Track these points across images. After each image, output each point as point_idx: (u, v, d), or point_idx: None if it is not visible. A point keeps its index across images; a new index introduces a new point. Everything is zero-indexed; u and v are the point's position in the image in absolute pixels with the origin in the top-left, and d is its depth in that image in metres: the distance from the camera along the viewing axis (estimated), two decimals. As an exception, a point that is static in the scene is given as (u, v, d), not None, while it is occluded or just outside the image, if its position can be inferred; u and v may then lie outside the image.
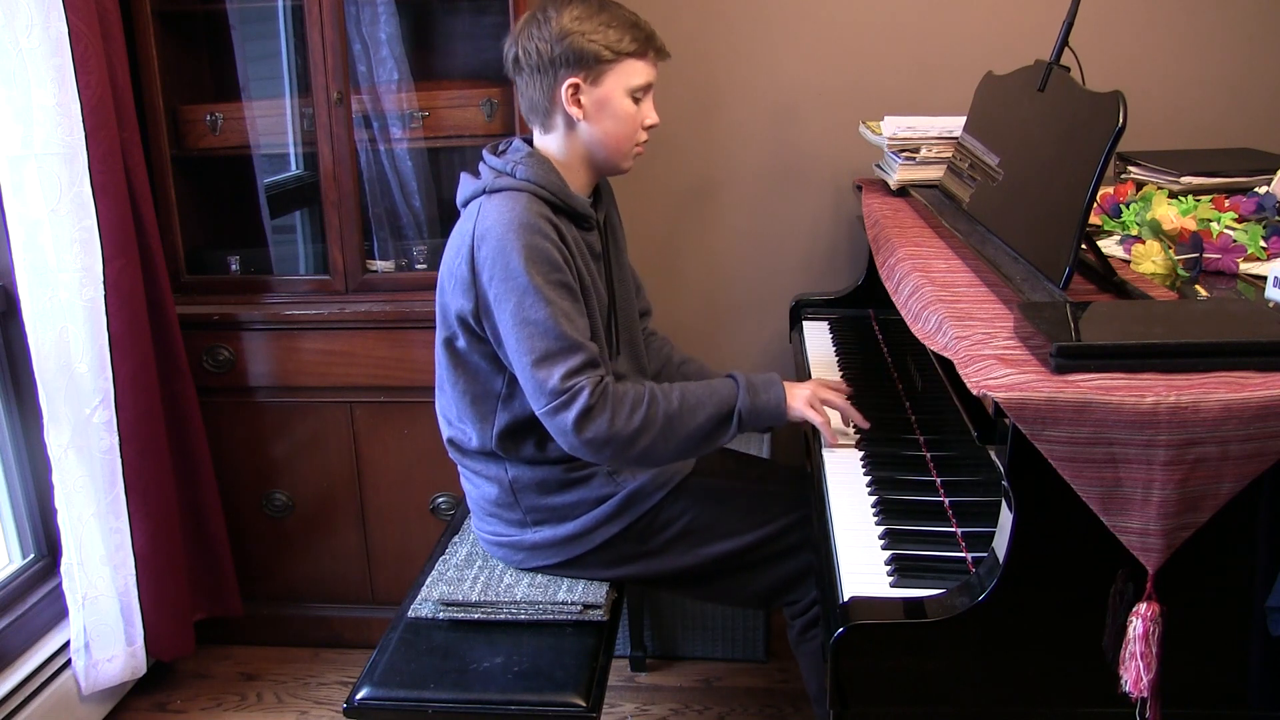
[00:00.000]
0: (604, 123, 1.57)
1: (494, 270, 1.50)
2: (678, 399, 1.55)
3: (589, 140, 1.59)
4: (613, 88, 1.56)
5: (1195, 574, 1.10)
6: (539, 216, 1.51)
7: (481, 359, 1.60)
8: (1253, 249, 1.49)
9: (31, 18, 1.78)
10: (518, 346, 1.50)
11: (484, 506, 1.72)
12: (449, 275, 1.57)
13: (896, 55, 2.37)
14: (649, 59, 1.59)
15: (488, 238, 1.50)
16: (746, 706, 2.21)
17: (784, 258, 2.53)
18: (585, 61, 1.53)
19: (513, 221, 1.49)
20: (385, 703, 1.51)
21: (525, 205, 1.52)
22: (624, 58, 1.55)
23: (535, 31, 1.55)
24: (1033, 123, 1.59)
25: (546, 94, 1.57)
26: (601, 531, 1.65)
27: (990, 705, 1.17)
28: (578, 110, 1.56)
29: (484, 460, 1.69)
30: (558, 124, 1.59)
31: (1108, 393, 1.04)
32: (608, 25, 1.53)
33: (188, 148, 2.27)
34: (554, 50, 1.53)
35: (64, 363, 1.92)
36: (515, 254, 1.48)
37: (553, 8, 1.55)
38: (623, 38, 1.54)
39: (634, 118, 1.59)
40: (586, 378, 1.50)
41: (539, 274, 1.49)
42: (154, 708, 2.27)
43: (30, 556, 2.17)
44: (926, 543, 1.34)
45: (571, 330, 1.50)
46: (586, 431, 1.49)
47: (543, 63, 1.54)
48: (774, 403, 1.59)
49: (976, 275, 1.49)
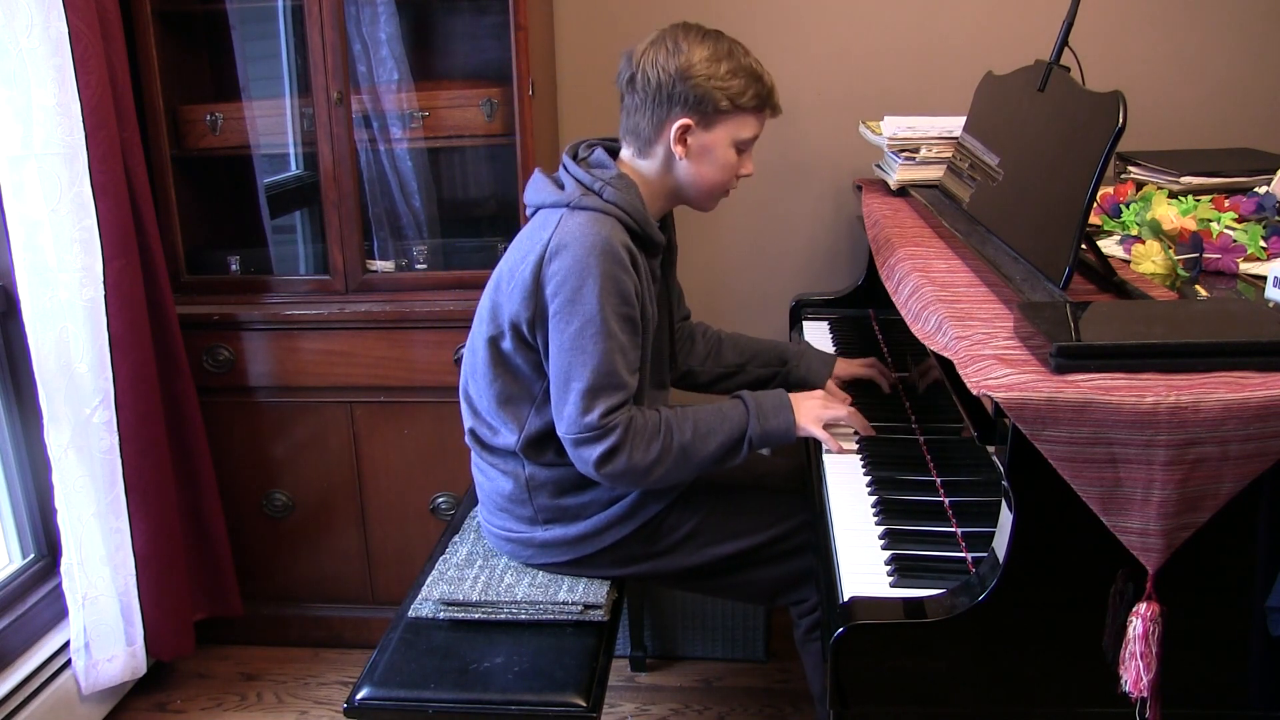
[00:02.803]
0: (703, 167, 1.57)
1: (563, 287, 1.48)
2: (690, 429, 1.56)
3: (683, 179, 1.59)
4: (721, 137, 1.55)
5: (1195, 574, 1.10)
6: (621, 245, 1.49)
7: (525, 363, 1.60)
8: (1253, 249, 1.49)
9: (31, 18, 1.77)
10: (567, 370, 1.50)
11: (495, 500, 1.72)
12: (510, 277, 1.55)
13: (896, 55, 2.37)
14: (764, 115, 1.58)
15: (564, 254, 1.48)
16: (746, 706, 2.21)
17: (784, 258, 2.53)
18: (703, 107, 1.51)
19: (595, 246, 1.47)
20: (385, 703, 1.51)
21: (610, 231, 1.49)
22: (741, 112, 1.54)
23: (660, 59, 1.51)
24: (1033, 123, 1.59)
25: (655, 126, 1.54)
26: (612, 532, 1.65)
27: (990, 705, 1.17)
28: (681, 149, 1.55)
29: (503, 456, 1.68)
30: (656, 155, 1.57)
31: (1108, 393, 1.04)
32: (734, 74, 1.51)
33: (188, 148, 2.27)
34: (675, 86, 1.50)
35: (64, 363, 1.92)
36: (592, 280, 1.46)
37: (684, 40, 1.52)
38: (745, 91, 1.52)
39: (733, 167, 1.59)
40: (621, 415, 1.51)
41: (610, 306, 1.48)
42: (154, 708, 2.27)
43: (30, 556, 2.17)
44: (926, 543, 1.34)
45: (622, 368, 1.50)
46: (607, 466, 1.52)
47: (660, 95, 1.52)
48: (783, 426, 1.60)
49: (976, 275, 1.49)
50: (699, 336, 1.93)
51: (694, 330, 1.93)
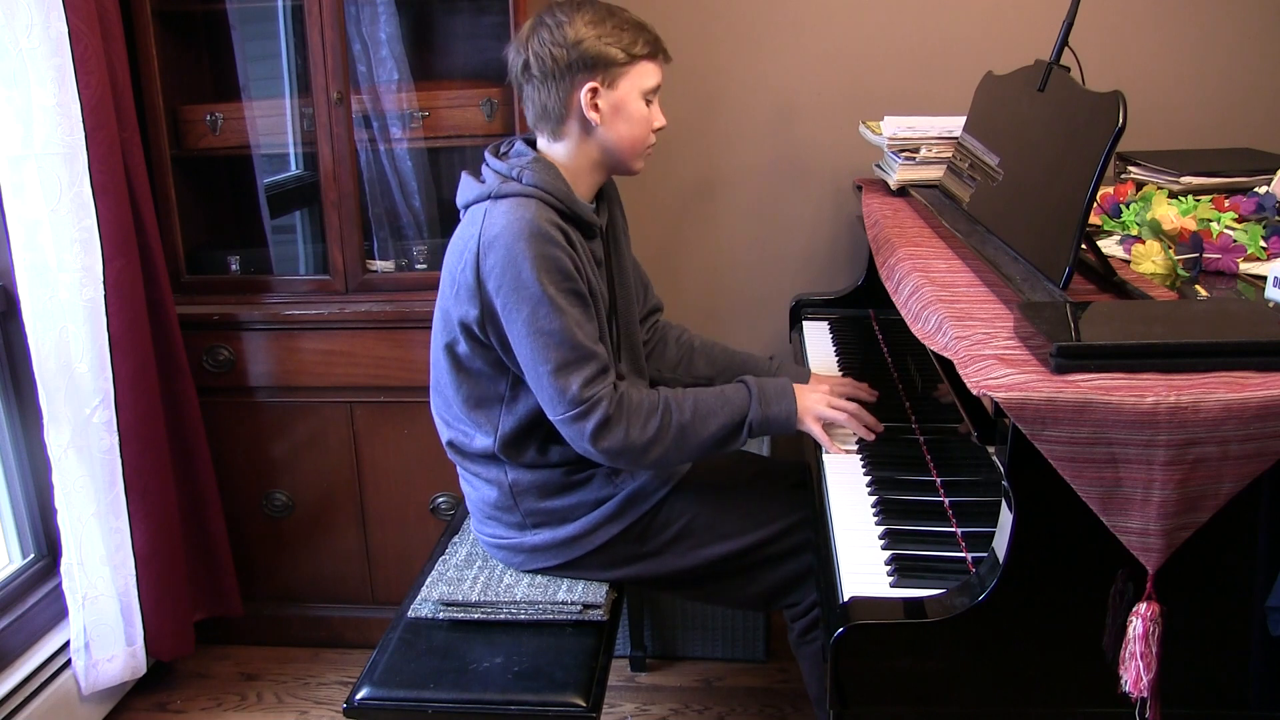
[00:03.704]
0: (619, 126, 1.57)
1: (503, 279, 1.49)
2: (690, 408, 1.56)
3: (604, 144, 1.59)
4: (627, 91, 1.56)
5: (1195, 574, 1.10)
6: (549, 223, 1.50)
7: (484, 364, 1.60)
8: (1253, 249, 1.49)
9: (31, 18, 1.77)
10: (533, 356, 1.50)
11: (483, 509, 1.72)
12: (451, 281, 1.57)
13: (896, 55, 2.37)
14: (659, 61, 1.60)
15: (495, 245, 1.49)
16: (746, 706, 2.21)
17: (784, 258, 2.53)
18: (601, 65, 1.53)
19: (522, 230, 1.48)
20: (385, 703, 1.51)
21: (535, 212, 1.50)
22: (638, 60, 1.56)
23: (547, 37, 1.53)
24: (1033, 123, 1.59)
25: (562, 100, 1.55)
26: (601, 533, 1.65)
27: (990, 705, 1.17)
28: (595, 115, 1.55)
29: (484, 463, 1.68)
30: (571, 130, 1.58)
31: (1108, 393, 1.04)
32: (620, 29, 1.54)
33: (188, 148, 2.27)
34: (569, 55, 1.52)
35: (64, 363, 1.92)
36: (526, 263, 1.47)
37: (561, 13, 1.54)
38: (635, 40, 1.55)
39: (647, 120, 1.60)
40: (603, 386, 1.51)
41: (551, 283, 1.48)
42: (154, 708, 2.27)
43: (30, 556, 2.17)
44: (926, 543, 1.34)
45: (585, 338, 1.51)
46: (603, 441, 1.51)
47: (558, 68, 1.53)
48: (785, 414, 1.60)
49: (976, 275, 1.49)
50: (671, 341, 1.90)
51: (666, 333, 1.90)
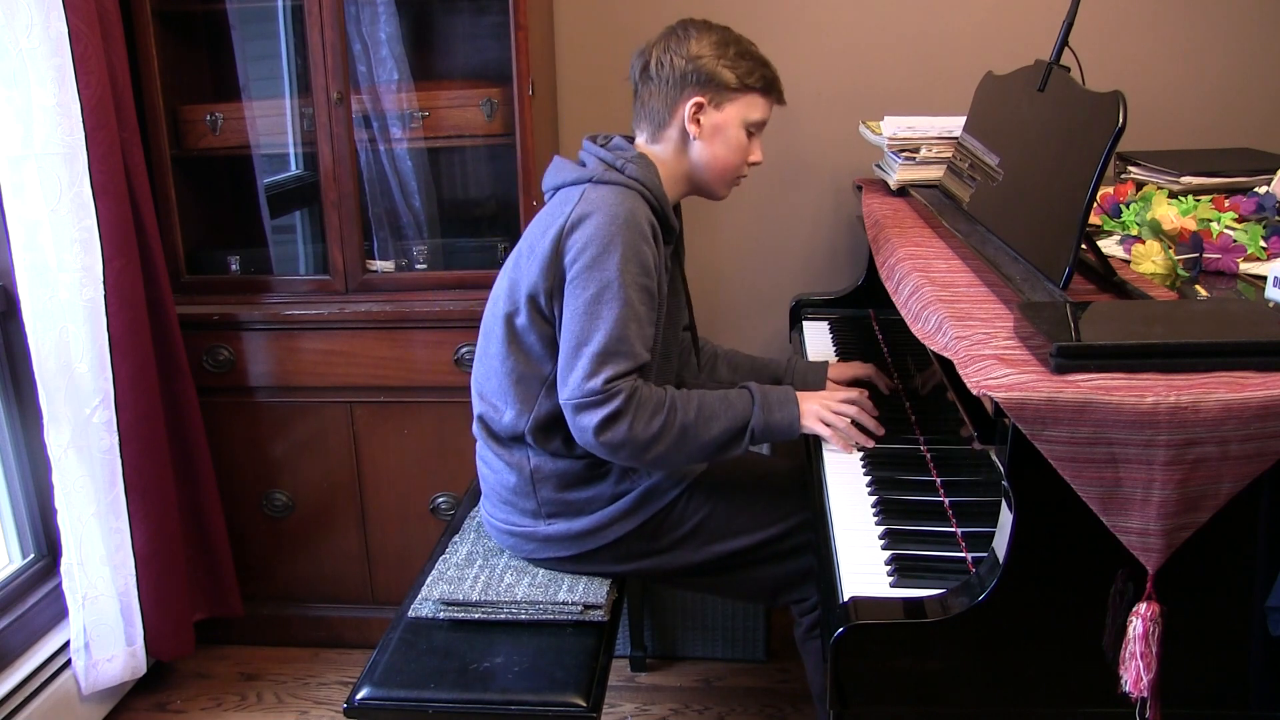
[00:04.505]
0: (716, 147, 1.62)
1: (584, 253, 1.51)
2: (694, 410, 1.56)
3: (696, 160, 1.64)
4: (732, 116, 1.61)
5: (1195, 574, 1.10)
6: (645, 220, 1.54)
7: (538, 340, 1.61)
8: (1253, 249, 1.49)
9: (31, 18, 1.78)
10: (579, 332, 1.52)
11: (499, 493, 1.72)
12: (529, 251, 1.59)
13: (896, 55, 2.37)
14: (770, 99, 1.65)
15: (587, 222, 1.52)
16: (746, 706, 2.21)
17: (784, 258, 2.53)
18: (713, 85, 1.59)
19: (619, 215, 1.51)
20: (385, 703, 1.51)
21: (635, 204, 1.54)
22: (749, 91, 1.61)
23: (673, 46, 1.60)
24: (1033, 123, 1.59)
25: (668, 107, 1.61)
26: (615, 528, 1.66)
27: (990, 705, 1.17)
28: (695, 129, 1.61)
29: (509, 445, 1.69)
30: (670, 137, 1.63)
31: (1108, 393, 1.04)
32: (740, 57, 1.60)
33: (188, 148, 2.27)
34: (686, 67, 1.59)
35: (64, 363, 1.92)
36: (615, 248, 1.50)
37: (694, 29, 1.61)
38: (753, 72, 1.61)
39: (744, 149, 1.64)
40: (625, 383, 1.51)
41: (630, 274, 1.51)
42: (154, 708, 2.27)
43: (30, 556, 2.17)
44: (926, 543, 1.34)
45: (635, 338, 1.52)
46: (606, 434, 1.51)
47: (674, 77, 1.59)
48: (787, 421, 1.60)
49: (976, 275, 1.49)
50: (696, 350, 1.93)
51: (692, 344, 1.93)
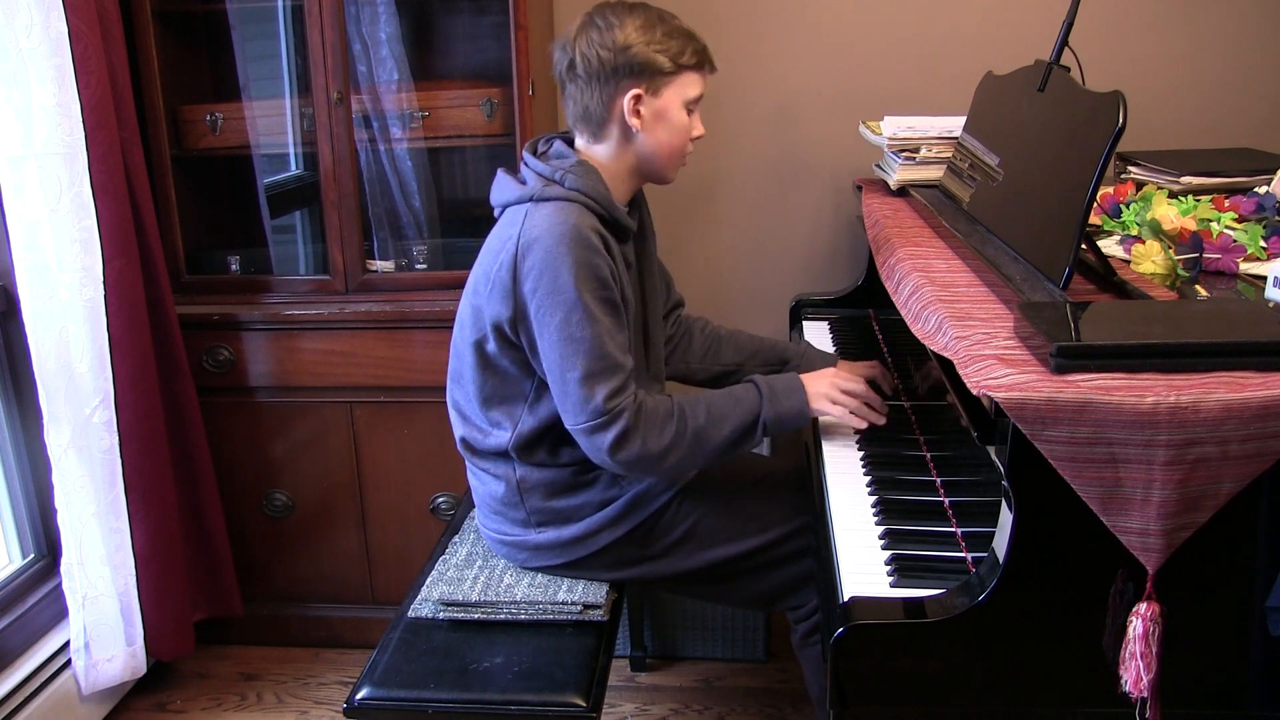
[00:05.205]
0: (660, 134, 1.58)
1: (540, 281, 1.48)
2: (704, 413, 1.55)
3: (642, 150, 1.59)
4: (671, 100, 1.56)
5: (1195, 574, 1.10)
6: (591, 230, 1.50)
7: (511, 364, 1.60)
8: (1253, 249, 1.49)
9: (31, 18, 1.78)
10: (561, 361, 1.50)
11: (489, 504, 1.72)
12: (485, 279, 1.56)
13: (896, 55, 2.37)
14: (704, 72, 1.61)
15: (535, 247, 1.48)
16: (746, 706, 2.21)
17: (784, 258, 2.53)
18: (648, 73, 1.53)
19: (564, 235, 1.47)
20: (385, 703, 1.51)
21: (578, 218, 1.49)
22: (684, 70, 1.56)
23: (595, 38, 1.53)
24: (1033, 123, 1.59)
25: (604, 103, 1.55)
26: (605, 535, 1.65)
27: (990, 705, 1.17)
28: (637, 121, 1.56)
29: (494, 460, 1.68)
30: (611, 134, 1.58)
31: (1108, 393, 1.04)
32: (669, 36, 1.54)
33: (188, 148, 2.27)
34: (616, 60, 1.52)
35: (64, 363, 1.92)
36: (566, 269, 1.47)
37: (612, 15, 1.54)
38: (684, 50, 1.55)
39: (687, 129, 1.60)
40: (626, 399, 1.50)
41: (588, 291, 1.48)
42: (154, 708, 2.27)
43: (30, 556, 2.17)
44: (926, 543, 1.34)
45: (614, 349, 1.50)
46: (621, 453, 1.51)
47: (604, 71, 1.53)
48: (797, 408, 1.59)
49: (976, 275, 1.49)
50: (697, 333, 1.92)
51: (691, 326, 1.92)
